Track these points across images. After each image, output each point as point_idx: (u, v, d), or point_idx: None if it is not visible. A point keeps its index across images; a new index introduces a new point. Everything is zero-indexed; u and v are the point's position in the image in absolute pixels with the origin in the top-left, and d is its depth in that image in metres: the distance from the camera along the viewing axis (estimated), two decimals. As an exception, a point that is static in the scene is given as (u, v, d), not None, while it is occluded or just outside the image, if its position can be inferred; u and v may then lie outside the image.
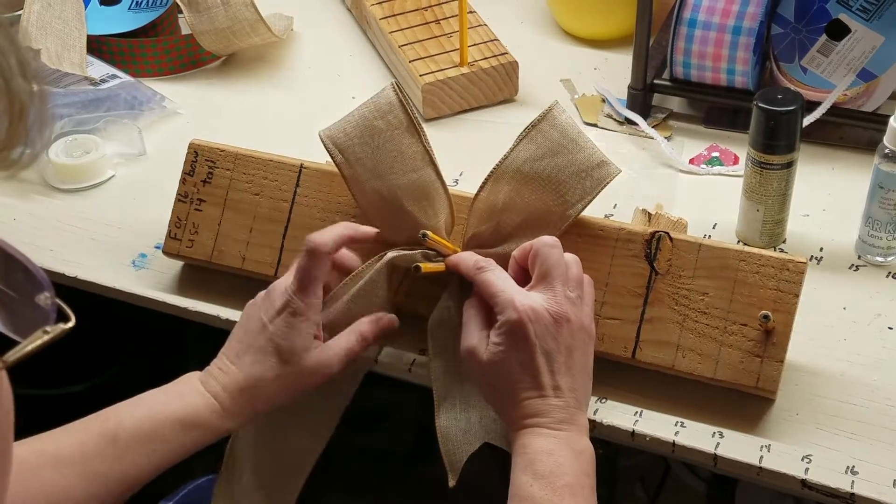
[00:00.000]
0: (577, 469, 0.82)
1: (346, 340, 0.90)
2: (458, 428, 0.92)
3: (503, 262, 0.91)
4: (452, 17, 1.33)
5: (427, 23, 1.33)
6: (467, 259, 0.90)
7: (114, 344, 1.45)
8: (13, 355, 0.53)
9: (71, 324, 0.54)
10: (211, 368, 0.90)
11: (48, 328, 0.53)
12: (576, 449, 0.83)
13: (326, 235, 0.89)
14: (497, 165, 0.93)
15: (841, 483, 0.85)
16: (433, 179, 0.94)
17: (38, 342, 0.53)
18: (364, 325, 0.91)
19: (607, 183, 0.92)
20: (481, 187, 0.94)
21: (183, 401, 0.87)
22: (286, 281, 0.90)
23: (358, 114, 0.96)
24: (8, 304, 0.56)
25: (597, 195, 0.92)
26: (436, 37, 1.31)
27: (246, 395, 0.88)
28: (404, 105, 0.94)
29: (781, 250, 1.06)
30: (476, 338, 0.86)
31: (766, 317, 0.87)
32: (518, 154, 0.93)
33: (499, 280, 0.87)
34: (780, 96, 0.99)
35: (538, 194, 0.92)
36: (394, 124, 0.94)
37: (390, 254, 0.92)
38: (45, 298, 0.54)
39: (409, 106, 0.94)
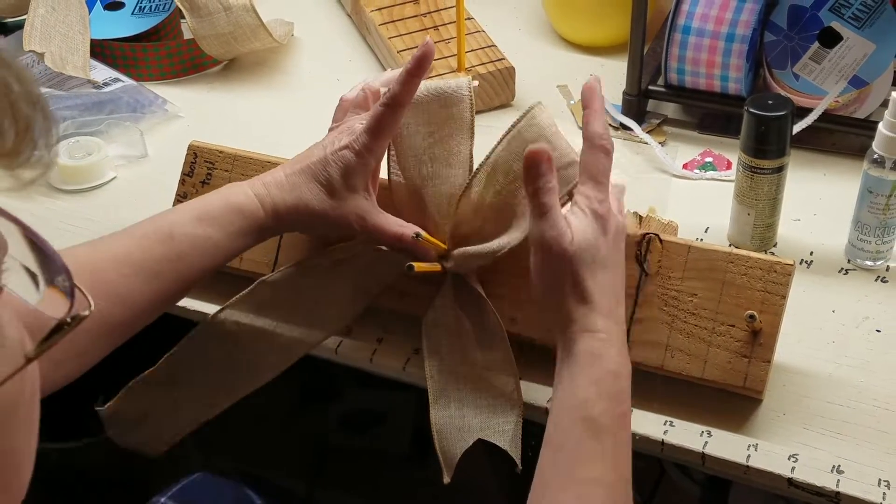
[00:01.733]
0: (627, 403, 0.82)
1: (401, 223, 0.93)
2: (453, 425, 0.93)
3: (487, 261, 0.92)
4: (450, 23, 1.35)
5: (425, 28, 1.35)
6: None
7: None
8: (40, 347, 0.50)
9: (92, 309, 0.52)
10: (265, 177, 0.93)
11: (70, 316, 0.50)
12: (629, 380, 0.83)
13: (403, 89, 0.91)
14: (481, 164, 0.94)
15: (826, 482, 0.87)
16: (459, 185, 0.95)
17: (63, 331, 0.50)
18: (410, 227, 0.93)
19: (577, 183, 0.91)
20: (467, 187, 0.95)
21: (230, 196, 0.91)
22: (355, 122, 0.94)
23: (425, 90, 0.96)
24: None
25: (567, 193, 0.91)
26: (434, 43, 1.32)
27: (286, 211, 0.92)
28: (472, 106, 0.96)
29: (772, 254, 1.07)
30: (561, 226, 0.83)
31: (751, 316, 0.89)
32: (500, 153, 0.94)
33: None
34: (770, 102, 1.00)
35: (515, 194, 0.93)
36: (455, 117, 0.95)
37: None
38: (63, 281, 0.52)
39: (474, 109, 0.96)
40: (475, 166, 0.95)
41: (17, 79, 0.47)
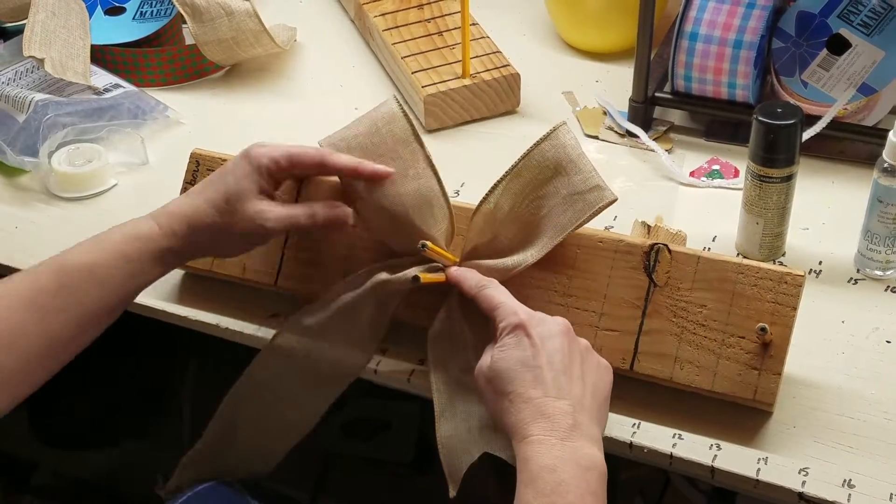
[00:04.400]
0: (583, 487, 0.78)
1: (293, 208, 0.93)
2: (459, 438, 0.92)
3: (502, 276, 0.92)
4: (455, 28, 1.34)
5: (430, 34, 1.34)
6: (469, 278, 0.91)
7: (109, 354, 1.45)
8: None
9: None
10: (169, 203, 0.94)
11: None
12: (582, 464, 0.79)
13: (343, 161, 0.93)
14: (499, 180, 0.93)
15: (838, 496, 0.85)
16: (435, 188, 0.94)
17: None
18: (317, 206, 0.93)
19: (600, 208, 0.91)
20: (483, 200, 0.94)
21: (126, 224, 0.92)
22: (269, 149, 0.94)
23: (359, 124, 0.97)
24: None
25: (588, 219, 0.91)
26: (438, 48, 1.31)
27: (181, 219, 0.92)
28: (407, 116, 0.95)
29: (781, 263, 1.06)
30: (487, 355, 0.86)
31: (763, 329, 0.87)
32: (520, 171, 0.93)
33: (502, 294, 0.89)
34: (779, 110, 0.99)
35: (533, 213, 0.92)
36: (395, 135, 0.95)
37: (381, 276, 0.93)
38: None
39: (410, 117, 0.95)
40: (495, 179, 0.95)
41: None
